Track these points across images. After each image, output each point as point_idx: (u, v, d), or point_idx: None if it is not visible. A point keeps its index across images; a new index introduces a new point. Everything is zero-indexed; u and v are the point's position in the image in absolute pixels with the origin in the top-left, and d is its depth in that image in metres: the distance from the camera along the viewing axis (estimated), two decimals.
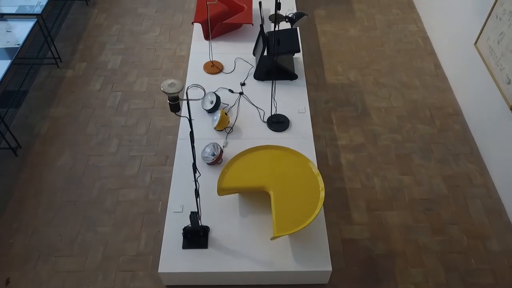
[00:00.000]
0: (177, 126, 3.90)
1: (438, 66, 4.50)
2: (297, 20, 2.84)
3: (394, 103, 4.12)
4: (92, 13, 5.15)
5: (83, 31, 4.89)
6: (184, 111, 3.59)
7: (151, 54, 4.62)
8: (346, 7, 5.26)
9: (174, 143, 3.77)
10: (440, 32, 4.56)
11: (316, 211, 2.67)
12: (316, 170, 2.91)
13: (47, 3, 4.19)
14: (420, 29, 4.93)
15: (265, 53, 4.04)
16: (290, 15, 2.83)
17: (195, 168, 2.36)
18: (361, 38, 4.83)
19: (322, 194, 2.75)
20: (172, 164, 3.62)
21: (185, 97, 3.33)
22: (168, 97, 1.83)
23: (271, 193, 2.83)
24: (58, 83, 4.29)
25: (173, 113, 4.11)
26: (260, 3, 3.91)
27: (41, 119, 3.97)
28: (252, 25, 4.33)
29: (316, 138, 3.83)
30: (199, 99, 1.97)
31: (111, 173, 3.55)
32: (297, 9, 5.29)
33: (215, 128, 3.49)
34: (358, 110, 4.06)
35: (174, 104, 1.85)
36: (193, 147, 2.18)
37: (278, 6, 2.71)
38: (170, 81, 1.82)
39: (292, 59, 4.05)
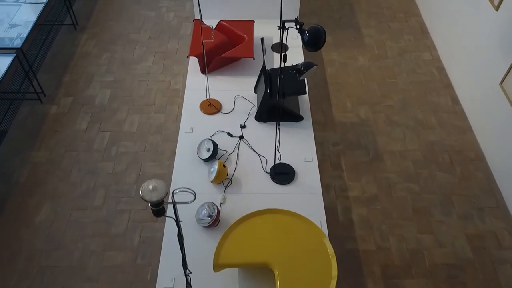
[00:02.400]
0: (170, 173, 3.53)
1: (455, 101, 4.13)
2: (306, 71, 2.47)
3: (409, 146, 3.75)
4: (80, 39, 4.77)
5: (70, 60, 4.52)
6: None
7: (143, 87, 4.24)
8: (354, 32, 4.88)
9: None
10: (457, 62, 4.19)
11: None
12: (331, 250, 2.53)
13: (30, 33, 3.82)
14: (435, 58, 4.56)
15: (268, 90, 3.67)
16: (297, 66, 2.47)
17: (185, 265, 1.98)
18: (371, 68, 4.46)
19: (334, 282, 2.38)
20: (164, 221, 3.24)
21: (174, 200, 2.96)
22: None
23: (276, 272, 2.46)
24: (40, 122, 3.92)
25: (166, 157, 3.75)
26: (262, 39, 3.54)
27: (21, 164, 3.60)
28: (253, 59, 3.95)
29: (325, 187, 3.45)
30: (188, 202, 1.60)
31: (95, 231, 3.18)
32: None
33: (212, 181, 3.11)
34: (370, 154, 3.69)
35: (157, 210, 1.48)
36: (182, 246, 1.81)
37: (284, 58, 2.34)
38: (151, 184, 1.45)
39: (297, 98, 3.68)
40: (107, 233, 3.17)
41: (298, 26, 2.17)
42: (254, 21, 4.14)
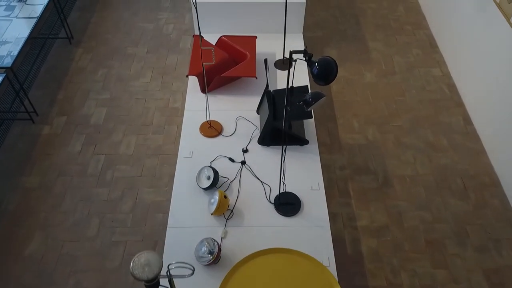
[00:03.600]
0: (168, 200, 3.35)
1: (467, 121, 3.94)
2: (314, 103, 2.28)
3: (420, 170, 3.56)
4: (75, 53, 4.58)
5: (65, 76, 4.33)
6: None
7: (140, 105, 4.06)
8: (360, 46, 4.69)
9: (164, 224, 3.21)
10: (468, 79, 4.00)
11: None
12: None
13: (22, 49, 3.63)
14: (445, 74, 4.37)
15: (272, 114, 3.48)
16: (305, 97, 2.28)
17: None
18: (379, 85, 4.27)
19: None
20: (162, 254, 3.05)
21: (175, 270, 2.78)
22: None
23: None
24: (32, 144, 3.73)
25: (164, 183, 3.56)
26: (265, 61, 3.35)
27: (11, 190, 3.41)
28: (256, 78, 3.75)
29: (332, 216, 3.27)
30: (185, 276, 1.41)
31: (88, 265, 2.99)
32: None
33: (212, 214, 2.92)
34: (379, 179, 3.50)
35: (151, 285, 1.30)
36: None
37: (291, 90, 2.15)
38: (143, 257, 1.26)
39: (302, 120, 3.49)
40: (101, 267, 2.98)
41: (306, 58, 1.98)
42: (256, 37, 3.95)
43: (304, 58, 2.01)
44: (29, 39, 4.35)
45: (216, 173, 3.04)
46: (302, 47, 4.20)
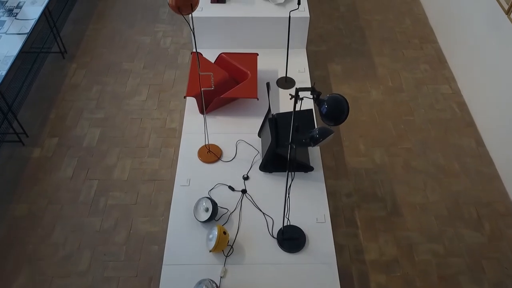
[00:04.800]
0: (163, 231, 3.15)
1: (479, 142, 3.74)
2: (322, 140, 2.09)
3: (431, 197, 3.37)
4: (69, 68, 4.39)
5: (57, 94, 4.14)
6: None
7: (135, 126, 3.86)
8: (366, 61, 4.50)
9: (160, 258, 3.02)
10: (479, 96, 3.81)
11: None
12: None
13: (11, 67, 3.44)
14: (455, 91, 4.18)
15: (274, 141, 3.28)
16: (311, 133, 2.09)
17: None
18: (386, 104, 4.07)
19: None
20: None
21: None
22: None
23: None
24: (21, 168, 3.54)
25: (159, 212, 3.36)
26: (267, 84, 3.16)
27: None
28: (257, 99, 3.56)
29: (338, 249, 3.07)
30: None
31: None
32: (309, 65, 4.55)
33: (210, 251, 2.73)
34: (387, 207, 3.31)
35: None
36: None
37: (296, 129, 1.96)
38: None
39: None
40: None
41: (314, 96, 1.79)
42: (257, 54, 3.76)
43: (311, 97, 1.82)
44: (20, 53, 4.16)
45: (215, 204, 2.85)
46: (305, 63, 4.00)
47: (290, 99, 2.04)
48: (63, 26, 4.86)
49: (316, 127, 3.22)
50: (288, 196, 2.58)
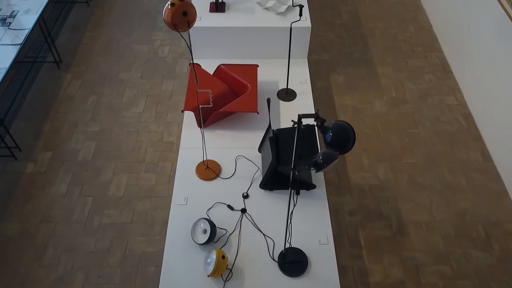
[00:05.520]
0: (160, 252, 3.04)
1: (486, 157, 3.63)
2: (326, 166, 1.98)
3: (438, 215, 3.25)
4: (64, 79, 4.27)
5: (52, 105, 4.02)
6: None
7: (132, 139, 3.75)
8: (369, 70, 4.38)
9: (156, 280, 2.90)
10: (485, 108, 3.69)
11: None
12: None
13: (1, 82, 3.32)
14: (460, 103, 4.06)
15: (275, 159, 3.16)
16: (314, 158, 1.98)
17: None
18: (389, 116, 3.96)
19: None
20: None
21: None
22: None
23: None
24: (13, 184, 3.42)
25: (156, 231, 3.25)
26: (268, 100, 3.04)
27: None
28: (258, 113, 3.44)
29: (342, 271, 2.96)
30: None
31: None
32: (310, 74, 4.43)
33: (209, 276, 2.61)
34: (392, 226, 3.19)
35: None
36: None
37: (300, 157, 1.85)
38: None
39: None
40: None
41: (318, 123, 1.68)
42: (257, 66, 3.65)
43: (315, 124, 1.71)
44: (14, 63, 4.04)
45: (213, 226, 2.74)
46: (307, 74, 3.89)
47: (293, 126, 1.92)
48: (58, 34, 4.74)
49: (318, 144, 3.11)
50: (290, 222, 2.46)
